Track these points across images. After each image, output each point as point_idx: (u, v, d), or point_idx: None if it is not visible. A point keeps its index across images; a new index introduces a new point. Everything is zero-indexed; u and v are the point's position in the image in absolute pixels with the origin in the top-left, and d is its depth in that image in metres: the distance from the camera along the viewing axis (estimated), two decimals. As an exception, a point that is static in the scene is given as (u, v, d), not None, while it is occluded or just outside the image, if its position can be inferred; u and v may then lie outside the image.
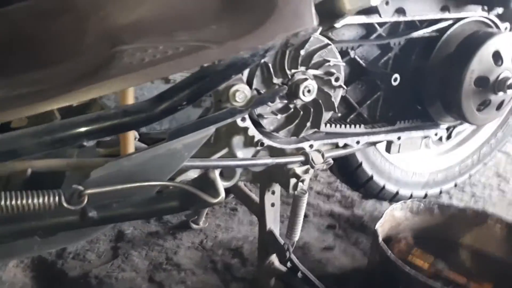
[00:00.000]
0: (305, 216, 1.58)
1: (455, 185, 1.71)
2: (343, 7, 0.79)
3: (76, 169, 0.78)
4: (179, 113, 0.99)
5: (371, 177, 1.48)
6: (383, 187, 1.52)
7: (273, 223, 1.17)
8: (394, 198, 1.57)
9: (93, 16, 0.76)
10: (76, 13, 0.77)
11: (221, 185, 0.73)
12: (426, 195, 1.63)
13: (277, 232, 1.16)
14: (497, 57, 1.15)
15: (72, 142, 0.72)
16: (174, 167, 0.80)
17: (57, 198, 0.70)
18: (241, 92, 0.81)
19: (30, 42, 0.73)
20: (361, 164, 1.43)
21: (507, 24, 1.27)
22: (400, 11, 1.09)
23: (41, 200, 0.70)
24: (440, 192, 1.67)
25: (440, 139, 1.30)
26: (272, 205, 1.16)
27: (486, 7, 1.20)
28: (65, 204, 0.70)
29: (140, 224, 1.49)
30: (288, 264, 1.13)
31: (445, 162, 1.66)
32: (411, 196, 1.58)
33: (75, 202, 0.72)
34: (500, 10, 1.26)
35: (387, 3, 1.05)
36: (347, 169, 1.46)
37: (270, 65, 0.95)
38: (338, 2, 0.79)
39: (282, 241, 1.13)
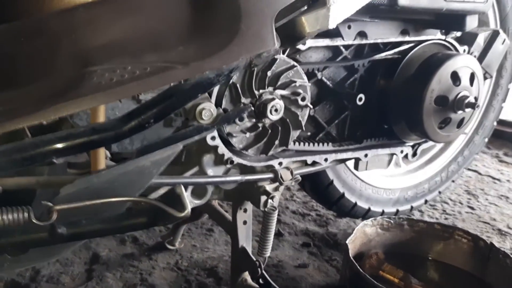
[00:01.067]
0: (280, 235, 1.61)
1: (426, 202, 1.75)
2: (303, 30, 0.84)
3: (46, 186, 0.80)
4: (151, 133, 1.02)
5: (343, 195, 1.51)
6: (355, 204, 1.56)
7: (246, 240, 1.19)
8: (366, 215, 1.60)
9: (64, 38, 0.79)
10: (49, 36, 0.80)
11: (187, 199, 0.76)
12: (397, 212, 1.67)
13: (249, 250, 1.18)
14: (455, 77, 1.22)
15: (42, 160, 0.74)
16: (143, 184, 0.83)
17: (26, 214, 0.72)
18: (208, 110, 0.84)
19: (1, 63, 0.75)
20: (332, 182, 1.47)
21: (465, 47, 1.34)
22: (362, 34, 1.15)
23: (10, 216, 0.72)
24: (411, 209, 1.72)
25: (406, 156, 1.35)
26: (244, 223, 1.19)
27: (443, 31, 1.28)
28: (34, 220, 0.72)
29: (116, 246, 1.50)
30: (260, 280, 1.14)
31: (415, 180, 1.71)
32: (382, 213, 1.62)
33: (44, 218, 0.74)
34: (458, 33, 1.33)
35: (349, 26, 1.11)
36: (319, 187, 1.50)
37: (238, 85, 1.00)
38: (298, 25, 0.84)
39: (254, 258, 1.15)
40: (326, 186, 1.48)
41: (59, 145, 0.73)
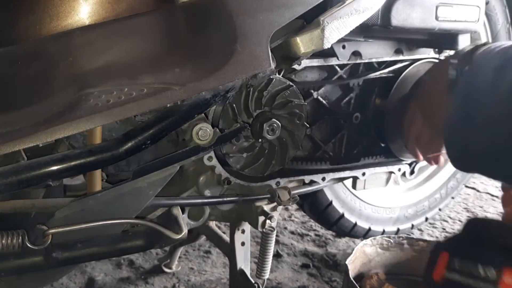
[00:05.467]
0: (279, 256, 1.59)
1: (426, 220, 1.74)
2: (298, 50, 0.84)
3: (42, 209, 0.79)
4: (148, 155, 1.02)
5: (342, 215, 1.50)
6: (355, 224, 1.54)
7: (244, 262, 1.17)
8: (366, 234, 1.59)
9: (61, 61, 0.79)
10: (45, 59, 0.81)
11: (184, 221, 0.75)
12: (398, 230, 1.65)
13: (248, 272, 1.17)
14: (449, 95, 1.23)
15: (38, 182, 0.73)
16: (139, 205, 0.82)
17: (20, 238, 0.71)
18: (204, 130, 0.84)
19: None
20: (331, 202, 1.46)
21: (459, 65, 1.35)
22: (357, 54, 1.16)
23: (4, 240, 0.71)
24: (412, 227, 1.70)
25: (404, 174, 1.34)
26: (242, 244, 1.17)
27: (436, 49, 1.29)
28: (28, 244, 0.71)
29: (111, 270, 1.47)
30: (260, 303, 1.13)
31: (415, 197, 1.70)
32: (383, 232, 1.61)
33: (39, 242, 0.73)
34: (451, 52, 1.35)
35: (343, 46, 1.12)
36: (318, 208, 1.49)
37: (234, 105, 1.00)
38: (293, 46, 0.84)
39: (253, 281, 1.13)
40: (325, 207, 1.47)
41: (55, 168, 0.72)
